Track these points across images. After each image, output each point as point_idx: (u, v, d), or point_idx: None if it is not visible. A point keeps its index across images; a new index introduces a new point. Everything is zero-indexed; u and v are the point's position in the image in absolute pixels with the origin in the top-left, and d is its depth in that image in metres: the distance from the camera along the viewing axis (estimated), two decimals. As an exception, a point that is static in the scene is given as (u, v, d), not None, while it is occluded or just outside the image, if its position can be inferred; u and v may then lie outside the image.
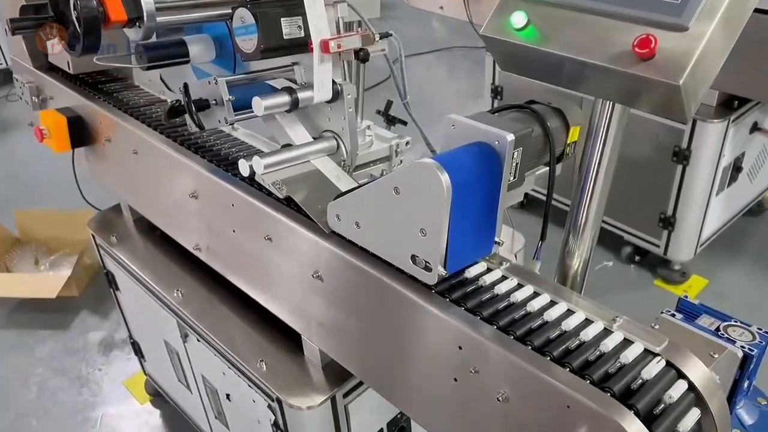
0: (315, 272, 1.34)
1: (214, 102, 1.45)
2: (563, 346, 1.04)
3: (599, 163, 1.17)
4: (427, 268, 1.14)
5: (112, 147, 1.95)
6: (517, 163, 1.21)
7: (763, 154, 3.02)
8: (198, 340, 1.69)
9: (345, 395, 1.47)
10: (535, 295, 1.16)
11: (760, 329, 1.20)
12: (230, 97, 1.41)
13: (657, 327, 1.18)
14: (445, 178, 1.06)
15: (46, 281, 3.02)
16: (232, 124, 1.46)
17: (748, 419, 1.83)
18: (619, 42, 0.94)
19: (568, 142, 1.36)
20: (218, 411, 1.85)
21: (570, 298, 1.16)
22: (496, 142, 1.15)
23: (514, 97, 3.22)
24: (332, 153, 1.52)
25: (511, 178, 1.22)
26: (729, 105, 2.57)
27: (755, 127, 2.72)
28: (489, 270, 1.23)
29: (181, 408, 2.20)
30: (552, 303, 1.15)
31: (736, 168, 2.79)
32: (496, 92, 3.31)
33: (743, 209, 3.16)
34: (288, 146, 1.48)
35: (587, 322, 1.11)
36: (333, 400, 1.44)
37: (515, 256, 1.21)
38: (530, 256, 1.89)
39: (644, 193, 2.83)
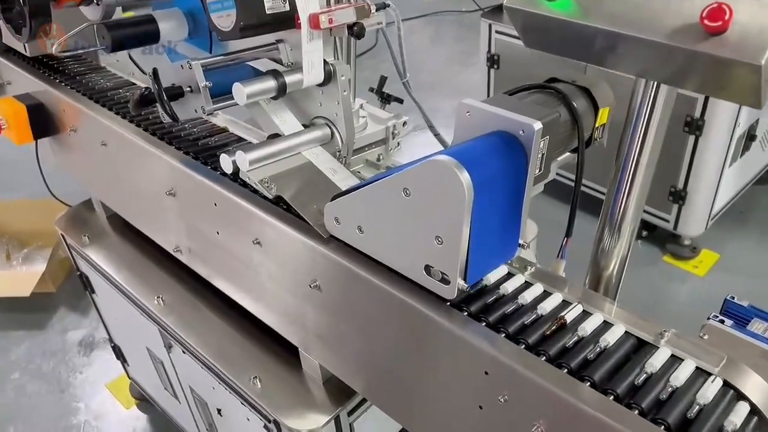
0: (312, 281, 1.18)
1: (188, 89, 1.26)
2: (604, 368, 0.90)
3: (640, 151, 1.01)
4: (445, 281, 0.98)
5: (78, 138, 1.75)
6: (543, 154, 1.05)
7: (776, 121, 2.88)
8: (183, 352, 1.53)
9: (350, 413, 1.33)
10: (566, 304, 1.01)
11: (821, 335, 1.06)
12: (207, 83, 1.23)
13: (706, 337, 1.03)
14: (465, 177, 0.89)
15: (19, 278, 2.83)
16: (210, 113, 1.28)
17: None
18: (682, 13, 0.77)
19: (596, 125, 1.19)
20: (209, 423, 1.70)
21: (610, 309, 1.01)
22: (521, 132, 0.99)
23: (512, 66, 3.03)
24: (326, 142, 1.35)
25: (537, 171, 1.06)
26: (744, 70, 2.40)
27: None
28: (511, 276, 1.08)
29: (169, 415, 2.06)
30: (585, 314, 1.00)
31: (750, 137, 2.65)
32: (493, 61, 3.12)
33: (754, 179, 3.02)
34: (275, 137, 1.31)
35: (628, 336, 0.96)
36: (337, 420, 1.30)
37: (526, 246, 1.06)
38: (544, 247, 1.73)
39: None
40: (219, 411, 1.56)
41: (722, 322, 1.07)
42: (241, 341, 1.47)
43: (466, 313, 1.00)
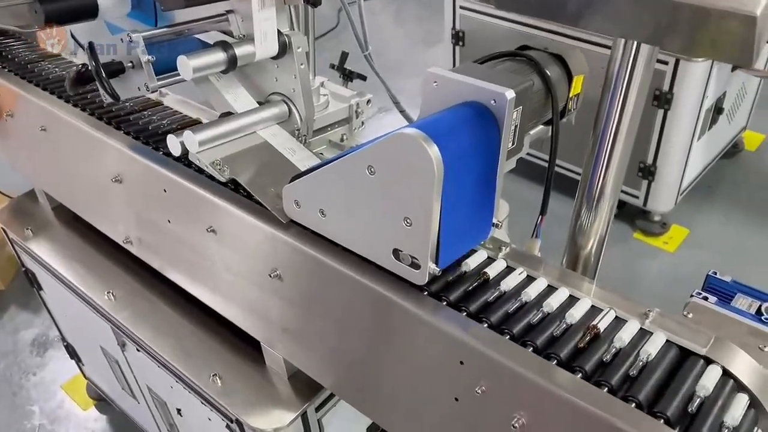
0: (273, 271, 1.09)
1: (130, 65, 1.15)
2: (595, 357, 0.84)
3: (619, 121, 0.94)
4: (415, 265, 0.91)
5: (15, 123, 1.62)
6: (516, 126, 0.98)
7: (742, 93, 2.86)
8: (138, 350, 1.43)
9: (317, 408, 1.25)
10: (550, 289, 0.95)
11: (807, 308, 1.02)
12: (150, 57, 1.12)
13: (690, 315, 0.98)
14: (434, 151, 0.82)
15: None
16: (155, 91, 1.17)
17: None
18: (668, -41, 0.70)
19: (571, 95, 1.12)
20: (170, 423, 1.61)
21: (589, 289, 0.95)
22: (492, 102, 0.92)
23: (477, 42, 2.95)
24: (283, 120, 1.26)
25: (511, 145, 0.99)
26: (711, 42, 2.37)
27: (736, 65, 2.54)
28: (489, 259, 1.01)
29: (129, 416, 1.95)
30: (572, 299, 0.93)
31: (718, 109, 2.62)
32: (458, 38, 3.04)
33: (721, 152, 3.01)
34: (227, 115, 1.21)
35: (618, 321, 0.90)
36: (304, 416, 1.22)
37: (500, 226, 0.99)
38: (515, 227, 1.67)
39: (620, 141, 2.65)
40: (179, 411, 1.47)
41: (706, 299, 1.01)
42: (200, 337, 1.37)
43: (441, 301, 0.93)
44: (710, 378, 0.81)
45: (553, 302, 0.91)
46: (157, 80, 1.15)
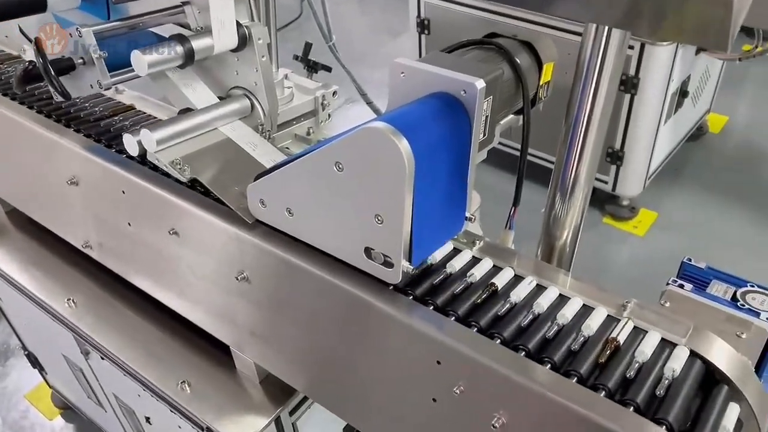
0: (239, 273, 1.05)
1: (80, 61, 1.09)
2: (564, 347, 0.82)
3: (591, 108, 0.92)
4: (388, 264, 0.88)
5: (-38, 125, 1.54)
6: (487, 116, 0.95)
7: (706, 76, 2.89)
8: (102, 358, 1.37)
9: (291, 412, 1.21)
10: (518, 280, 0.92)
11: (782, 293, 1.01)
12: (101, 52, 1.06)
13: (668, 304, 0.96)
14: (404, 145, 0.78)
15: None
16: (108, 88, 1.11)
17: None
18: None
19: (541, 82, 1.10)
20: (139, 431, 1.55)
21: (564, 281, 0.93)
22: (462, 92, 0.89)
23: (443, 30, 2.92)
24: (246, 115, 1.21)
25: (482, 136, 0.96)
26: (675, 25, 2.37)
27: (701, 48, 2.55)
28: (463, 254, 0.98)
29: (97, 424, 1.89)
30: (540, 288, 0.92)
31: (683, 93, 2.64)
32: (423, 26, 3.00)
33: (686, 135, 3.04)
34: (187, 112, 1.16)
35: (587, 309, 0.88)
36: (278, 421, 1.18)
37: (473, 219, 0.96)
38: (488, 218, 1.65)
39: (588, 126, 2.64)
40: (148, 419, 1.42)
41: (682, 286, 1.00)
42: (168, 342, 1.32)
43: (411, 297, 0.90)
44: (679, 361, 0.80)
45: (522, 293, 0.89)
46: (110, 77, 1.09)
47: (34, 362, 1.95)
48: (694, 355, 0.83)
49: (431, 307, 0.89)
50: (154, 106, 1.47)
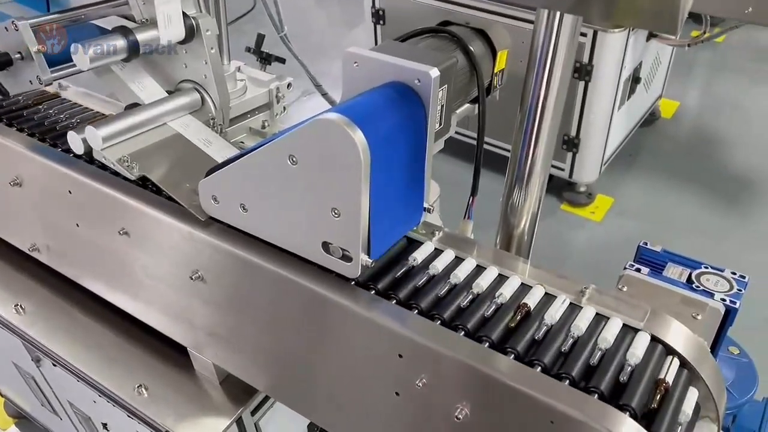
0: (194, 273, 1.02)
1: (18, 56, 1.04)
2: (527, 336, 0.82)
3: (546, 95, 0.91)
4: (346, 258, 0.86)
5: None
6: (442, 105, 0.94)
7: (657, 62, 2.94)
8: (54, 365, 1.32)
9: (253, 412, 1.19)
10: (479, 270, 0.92)
11: (734, 274, 1.04)
12: (39, 46, 1.02)
13: (625, 288, 0.97)
14: (358, 136, 0.77)
15: None
16: (48, 84, 1.06)
17: (728, 375, 1.72)
18: None
19: (495, 70, 1.09)
20: (97, 439, 1.51)
21: (524, 269, 0.93)
22: (416, 81, 0.87)
23: (399, 21, 2.90)
24: (196, 109, 1.18)
25: (438, 126, 0.95)
26: (627, 12, 2.40)
27: (651, 35, 2.60)
28: (419, 244, 0.97)
29: (53, 432, 1.83)
30: (502, 278, 0.91)
31: (635, 79, 2.68)
32: (378, 17, 2.98)
33: (640, 121, 3.10)
34: (134, 107, 1.12)
35: (549, 298, 0.88)
36: (239, 422, 1.15)
37: (432, 210, 0.96)
38: (446, 209, 1.65)
39: (544, 114, 2.67)
40: (105, 425, 1.38)
41: (639, 270, 1.01)
42: (123, 346, 1.28)
43: (373, 291, 0.89)
44: (640, 348, 0.80)
45: (483, 283, 0.88)
46: (51, 72, 1.05)
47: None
48: (653, 339, 0.84)
49: (393, 301, 0.87)
50: (102, 103, 1.42)
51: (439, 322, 0.85)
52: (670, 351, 0.84)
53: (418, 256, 0.94)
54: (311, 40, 4.27)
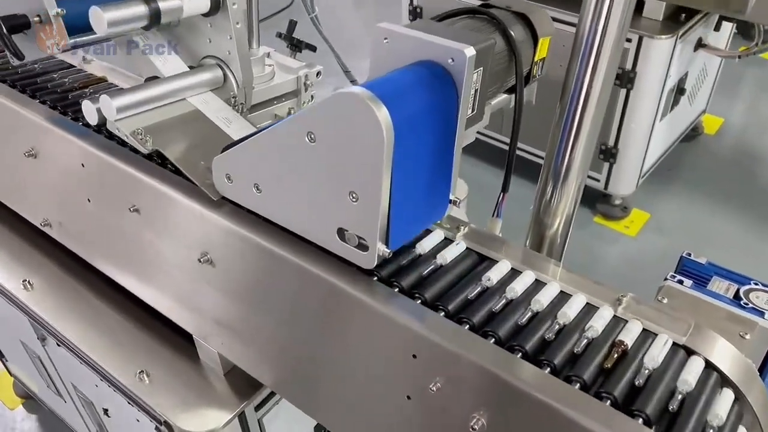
0: (203, 255, 0.97)
1: (37, 18, 1.00)
2: (565, 350, 0.74)
3: (589, 88, 0.84)
4: (362, 246, 0.80)
5: None
6: (476, 90, 0.87)
7: (703, 74, 2.82)
8: (58, 345, 1.28)
9: (258, 407, 1.13)
10: (514, 273, 0.84)
11: (788, 293, 0.94)
12: (59, 9, 0.97)
13: (665, 300, 0.89)
14: (383, 113, 0.70)
15: None
16: (65, 51, 1.02)
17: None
18: None
19: (536, 58, 1.02)
20: (99, 424, 1.46)
21: (555, 272, 0.85)
22: (450, 60, 0.80)
23: (436, 19, 2.83)
24: (218, 86, 1.13)
25: (470, 112, 0.88)
26: (675, 19, 2.30)
27: (700, 44, 2.49)
28: (446, 240, 0.90)
29: (58, 415, 1.79)
30: (538, 283, 0.83)
31: (680, 90, 2.57)
32: (416, 14, 2.91)
33: (681, 135, 2.97)
34: (154, 79, 1.07)
35: (589, 308, 0.80)
36: (242, 417, 1.09)
37: (459, 203, 0.89)
38: (475, 209, 1.57)
39: (582, 122, 2.57)
40: (106, 411, 1.33)
41: (681, 282, 0.93)
42: (129, 330, 1.23)
43: (394, 288, 0.82)
44: (692, 372, 0.72)
45: (518, 287, 0.81)
46: (69, 38, 1.00)
47: (-7, 350, 1.85)
48: (694, 354, 0.76)
49: (419, 301, 0.80)
50: (126, 78, 1.38)
51: (467, 326, 0.77)
52: (716, 371, 0.76)
53: (448, 255, 0.87)
54: (345, 37, 4.24)
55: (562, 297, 0.82)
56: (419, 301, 0.80)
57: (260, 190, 0.87)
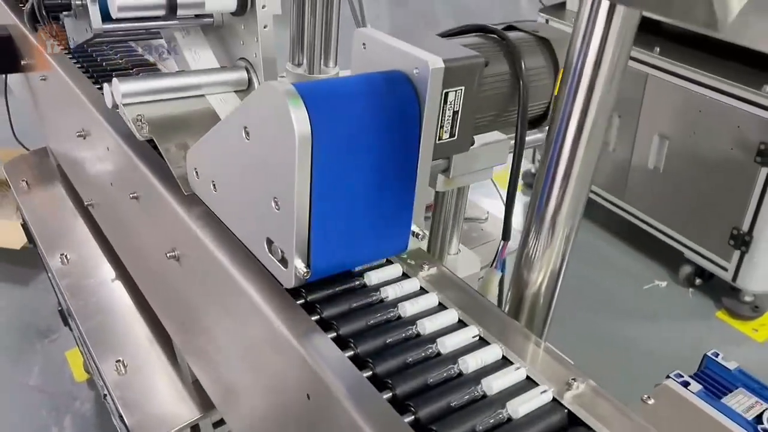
0: (171, 250, 0.93)
1: (79, 2, 1.05)
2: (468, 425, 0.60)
3: (585, 113, 0.69)
4: (284, 261, 0.71)
5: (47, 85, 1.60)
6: (455, 111, 0.76)
7: None
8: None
9: (217, 424, 1.06)
10: (462, 325, 0.72)
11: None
12: (95, -6, 1.01)
13: (651, 401, 0.70)
14: (298, 112, 0.63)
15: (9, 228, 2.66)
16: (96, 36, 1.06)
17: None
18: None
19: (556, 92, 0.88)
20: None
21: (512, 339, 0.71)
22: (415, 71, 0.71)
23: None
24: (242, 89, 1.10)
25: (445, 134, 0.77)
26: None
27: None
28: (404, 276, 0.79)
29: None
30: (483, 342, 0.70)
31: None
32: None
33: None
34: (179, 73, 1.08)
35: (526, 383, 0.65)
36: (194, 428, 1.03)
37: (422, 237, 0.78)
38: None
39: (714, 201, 2.25)
40: (104, 396, 1.34)
41: (686, 385, 0.73)
42: (135, 317, 1.24)
43: (317, 315, 0.73)
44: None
45: (448, 342, 0.68)
46: (103, 23, 1.04)
47: (65, 320, 1.98)
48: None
49: (331, 335, 0.70)
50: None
51: (369, 373, 0.66)
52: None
53: (392, 292, 0.76)
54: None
55: (504, 364, 0.67)
56: (331, 335, 0.70)
57: (216, 189, 0.83)
